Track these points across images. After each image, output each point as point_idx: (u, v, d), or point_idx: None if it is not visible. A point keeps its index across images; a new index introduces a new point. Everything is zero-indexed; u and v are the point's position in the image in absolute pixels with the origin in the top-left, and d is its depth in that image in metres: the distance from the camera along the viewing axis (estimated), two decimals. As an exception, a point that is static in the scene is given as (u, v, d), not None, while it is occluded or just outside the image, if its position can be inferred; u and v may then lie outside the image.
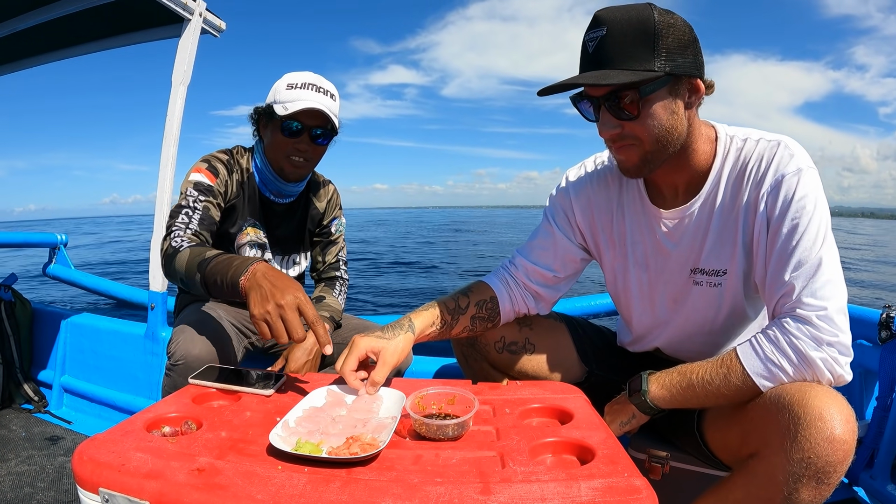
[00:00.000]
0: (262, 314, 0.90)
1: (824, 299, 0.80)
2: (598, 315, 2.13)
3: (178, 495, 0.61)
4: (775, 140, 0.90)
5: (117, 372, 1.99)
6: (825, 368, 0.79)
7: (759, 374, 0.81)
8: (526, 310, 1.14)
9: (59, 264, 3.54)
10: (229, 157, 1.38)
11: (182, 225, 1.21)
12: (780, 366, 0.80)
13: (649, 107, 0.85)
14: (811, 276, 0.82)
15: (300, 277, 1.58)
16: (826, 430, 0.70)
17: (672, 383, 0.89)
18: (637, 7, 0.84)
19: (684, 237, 0.99)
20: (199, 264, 1.05)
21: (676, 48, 0.83)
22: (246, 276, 0.96)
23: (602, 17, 0.84)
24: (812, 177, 0.86)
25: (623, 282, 1.10)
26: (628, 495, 0.60)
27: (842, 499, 1.49)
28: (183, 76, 1.88)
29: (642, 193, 1.03)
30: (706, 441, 0.94)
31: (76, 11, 1.88)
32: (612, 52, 0.83)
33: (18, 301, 2.18)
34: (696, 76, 0.87)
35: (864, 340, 1.61)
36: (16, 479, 1.51)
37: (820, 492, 0.71)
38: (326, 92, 1.31)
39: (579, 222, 1.12)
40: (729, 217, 0.94)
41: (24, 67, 2.55)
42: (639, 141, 0.88)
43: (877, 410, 1.48)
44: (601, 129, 0.90)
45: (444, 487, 0.61)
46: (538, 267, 1.13)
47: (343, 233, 1.60)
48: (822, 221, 0.84)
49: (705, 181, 0.95)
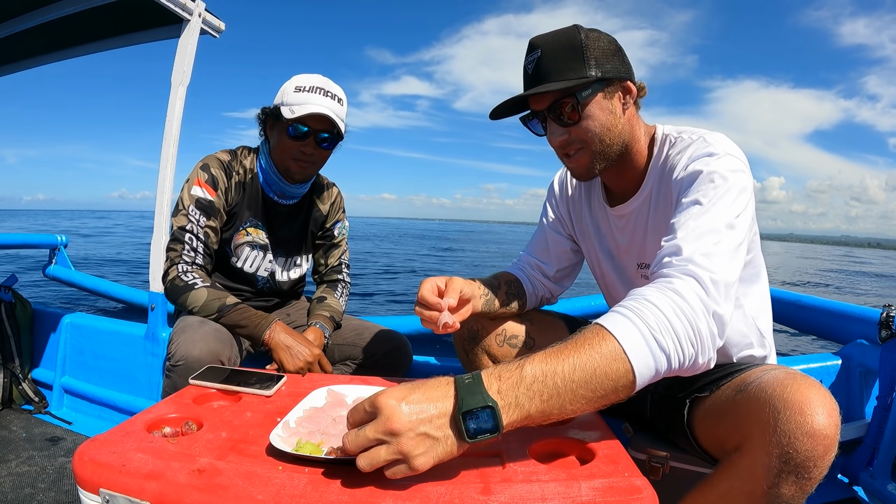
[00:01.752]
0: (298, 370, 1.16)
1: (718, 265, 0.73)
2: (598, 314, 2.13)
3: (179, 496, 0.61)
4: (699, 135, 0.94)
5: (117, 373, 1.99)
6: (707, 346, 0.70)
7: (642, 359, 0.65)
8: (547, 294, 1.24)
9: (59, 265, 3.54)
10: (231, 157, 1.38)
11: (189, 256, 1.28)
12: (667, 349, 0.66)
13: (587, 110, 0.94)
14: (708, 239, 0.76)
15: (301, 279, 1.58)
16: (806, 425, 0.68)
17: (529, 398, 0.62)
18: (565, 29, 0.95)
19: (630, 233, 1.07)
20: (218, 308, 1.22)
21: (603, 56, 0.93)
22: (269, 332, 1.20)
23: (535, 42, 0.95)
24: (727, 160, 0.85)
25: (599, 270, 1.19)
26: (629, 495, 0.60)
27: (842, 498, 1.50)
28: (182, 77, 1.87)
29: (601, 192, 1.13)
30: (696, 437, 0.94)
31: (75, 12, 1.88)
32: (549, 69, 0.92)
33: (18, 302, 2.18)
34: (626, 78, 0.96)
35: (863, 340, 1.61)
36: (16, 480, 1.51)
37: (801, 486, 0.70)
38: (334, 96, 1.31)
39: (563, 215, 1.24)
40: (662, 212, 1.00)
41: (24, 68, 2.55)
42: (585, 143, 0.96)
43: (877, 410, 1.48)
44: (550, 138, 0.99)
45: (445, 487, 0.61)
46: (538, 262, 1.24)
47: (346, 236, 1.60)
48: (731, 199, 0.81)
49: (644, 179, 1.03)
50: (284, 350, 1.17)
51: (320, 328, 1.37)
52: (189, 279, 1.24)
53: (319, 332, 1.36)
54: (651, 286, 0.73)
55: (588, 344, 0.65)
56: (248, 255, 1.41)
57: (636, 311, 0.68)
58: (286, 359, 1.16)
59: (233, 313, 1.22)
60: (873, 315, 1.57)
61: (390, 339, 1.47)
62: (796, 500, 0.71)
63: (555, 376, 0.62)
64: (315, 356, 1.19)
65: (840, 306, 1.79)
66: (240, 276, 1.42)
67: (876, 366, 1.50)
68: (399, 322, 1.94)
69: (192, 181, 1.31)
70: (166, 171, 1.87)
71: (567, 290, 1.30)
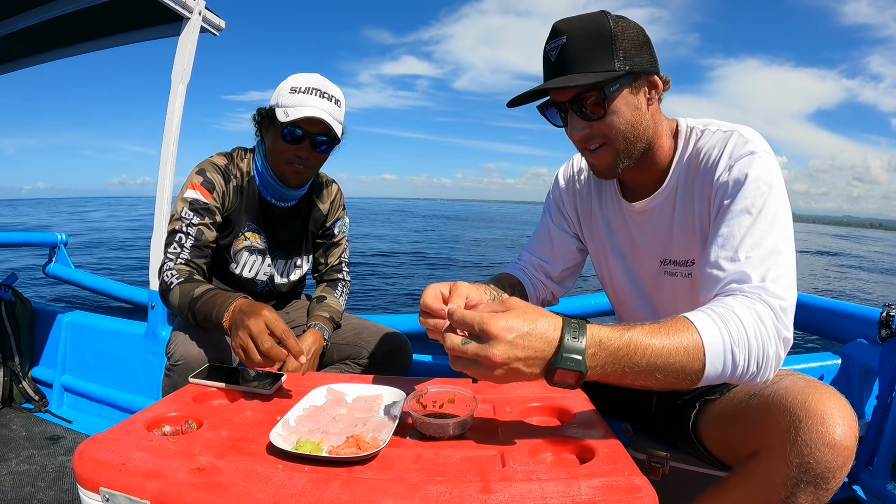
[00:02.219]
0: (238, 344, 0.94)
1: (786, 290, 0.76)
2: (597, 314, 2.13)
3: (179, 494, 0.61)
4: (730, 129, 0.91)
5: (117, 371, 1.99)
6: (770, 368, 0.74)
7: (714, 358, 0.70)
8: (548, 296, 1.20)
9: (59, 264, 3.54)
10: (227, 161, 1.34)
11: (173, 256, 1.23)
12: (736, 358, 0.71)
13: (613, 105, 0.89)
14: (771, 261, 0.78)
15: (301, 280, 1.57)
16: (827, 436, 0.68)
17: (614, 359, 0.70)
18: (592, 15, 0.89)
19: (652, 229, 1.02)
20: (189, 303, 1.10)
21: (633, 48, 0.88)
22: (227, 315, 1.02)
23: (560, 27, 0.89)
24: (767, 160, 0.85)
25: (607, 270, 1.15)
26: (628, 494, 0.60)
27: (841, 498, 1.50)
28: (182, 75, 1.87)
29: (615, 188, 1.08)
30: (702, 441, 0.94)
31: (74, 10, 1.87)
32: (575, 58, 0.87)
33: (19, 300, 2.18)
34: (653, 72, 0.91)
35: (863, 339, 1.61)
36: (16, 479, 1.52)
37: (818, 497, 0.70)
38: (331, 98, 1.28)
39: (569, 212, 1.18)
40: (690, 208, 0.96)
41: (23, 66, 2.54)
42: (608, 140, 0.92)
43: (877, 409, 1.49)
44: (571, 132, 0.94)
45: (445, 486, 0.61)
46: (543, 262, 1.19)
47: (346, 234, 1.58)
48: (780, 208, 0.82)
49: (667, 175, 0.98)
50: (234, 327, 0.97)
51: (319, 330, 1.36)
52: (168, 279, 1.18)
53: (319, 334, 1.35)
54: (737, 300, 0.76)
55: (678, 336, 0.70)
56: (247, 260, 1.39)
57: (724, 318, 0.72)
58: (233, 335, 0.96)
59: (199, 306, 1.08)
60: (873, 314, 1.57)
61: (390, 338, 1.46)
62: None
63: (642, 357, 0.68)
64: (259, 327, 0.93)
65: (840, 305, 1.79)
66: (238, 281, 1.41)
67: (876, 365, 1.50)
68: (399, 321, 1.94)
69: (186, 186, 1.28)
70: (166, 168, 1.87)
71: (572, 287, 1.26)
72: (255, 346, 0.92)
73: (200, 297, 1.09)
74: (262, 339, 0.92)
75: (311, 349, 1.31)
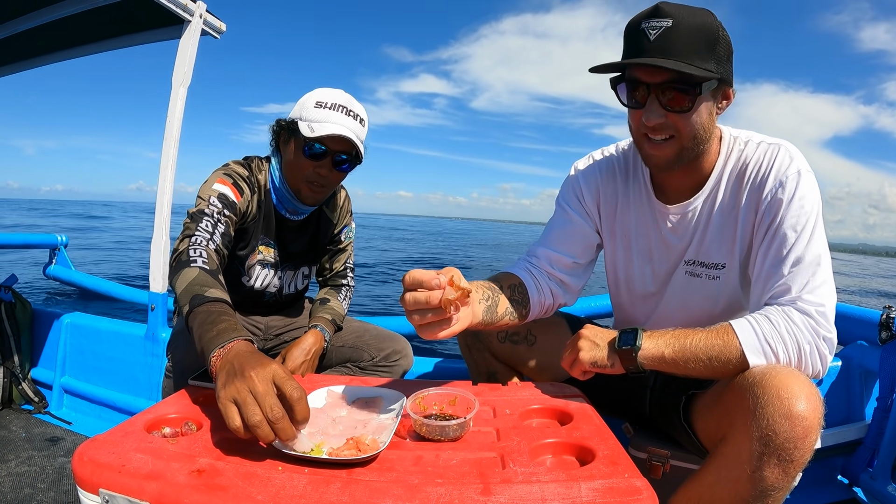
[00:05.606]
0: (229, 396, 0.69)
1: (823, 297, 0.85)
2: (598, 315, 2.13)
3: (179, 496, 0.60)
4: (776, 143, 0.96)
5: (117, 373, 1.99)
6: (812, 360, 0.84)
7: (753, 349, 0.83)
8: (552, 300, 1.10)
9: (60, 265, 3.54)
10: (249, 172, 1.29)
11: (206, 234, 1.10)
12: (774, 349, 0.83)
13: (699, 104, 0.89)
14: (810, 273, 0.87)
15: (307, 287, 1.58)
16: (783, 407, 0.72)
17: (665, 344, 0.88)
18: (700, 10, 0.88)
19: (686, 232, 1.04)
20: (192, 298, 0.92)
21: (726, 55, 0.90)
22: (220, 351, 0.78)
23: (667, 10, 0.86)
24: (810, 180, 0.92)
25: (625, 272, 1.13)
26: (629, 496, 0.60)
27: (842, 499, 1.50)
28: (183, 78, 1.88)
29: (648, 189, 1.07)
30: (697, 434, 0.95)
31: (76, 13, 1.88)
32: (679, 44, 0.85)
33: (18, 302, 2.18)
34: (731, 85, 0.94)
35: (863, 341, 1.61)
36: (16, 480, 1.51)
37: (784, 469, 0.72)
38: (356, 116, 1.24)
39: (589, 207, 1.14)
40: (729, 215, 0.99)
41: (25, 69, 2.55)
42: (679, 134, 0.92)
43: (877, 411, 1.48)
44: (646, 115, 0.90)
45: (445, 488, 0.61)
46: (560, 254, 1.11)
47: (352, 239, 1.56)
48: (819, 221, 0.90)
49: (707, 179, 1.01)
50: (223, 371, 0.74)
51: (320, 331, 1.36)
52: (193, 255, 1.03)
53: (319, 335, 1.35)
54: (773, 308, 0.87)
55: (714, 330, 0.87)
56: (259, 273, 1.38)
57: (756, 319, 0.86)
58: (221, 381, 0.72)
59: (197, 311, 0.89)
60: (873, 316, 1.57)
61: (391, 341, 1.46)
62: (781, 485, 0.73)
63: (685, 339, 0.87)
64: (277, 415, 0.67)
65: (840, 308, 1.79)
66: (249, 294, 1.40)
67: (876, 367, 1.50)
68: (399, 324, 1.94)
69: (213, 180, 1.21)
70: (167, 171, 1.87)
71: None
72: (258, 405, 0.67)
73: (210, 302, 0.90)
74: (268, 402, 0.67)
75: (311, 349, 1.31)
